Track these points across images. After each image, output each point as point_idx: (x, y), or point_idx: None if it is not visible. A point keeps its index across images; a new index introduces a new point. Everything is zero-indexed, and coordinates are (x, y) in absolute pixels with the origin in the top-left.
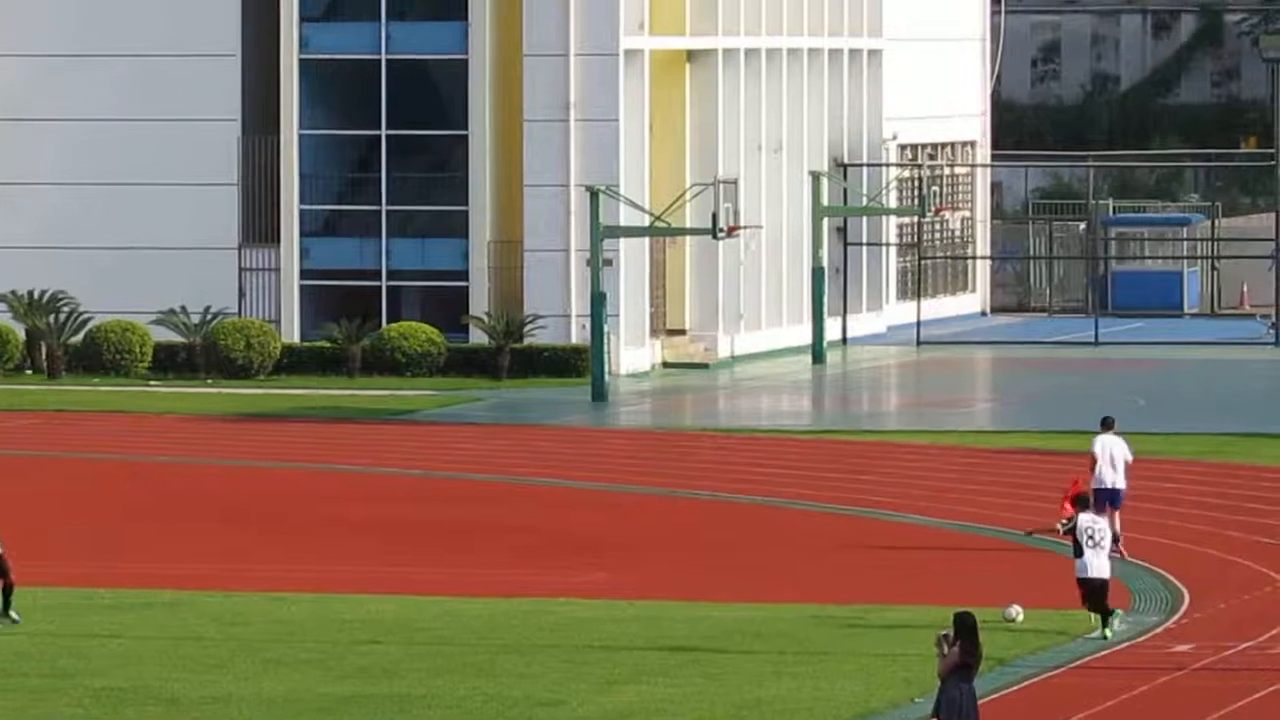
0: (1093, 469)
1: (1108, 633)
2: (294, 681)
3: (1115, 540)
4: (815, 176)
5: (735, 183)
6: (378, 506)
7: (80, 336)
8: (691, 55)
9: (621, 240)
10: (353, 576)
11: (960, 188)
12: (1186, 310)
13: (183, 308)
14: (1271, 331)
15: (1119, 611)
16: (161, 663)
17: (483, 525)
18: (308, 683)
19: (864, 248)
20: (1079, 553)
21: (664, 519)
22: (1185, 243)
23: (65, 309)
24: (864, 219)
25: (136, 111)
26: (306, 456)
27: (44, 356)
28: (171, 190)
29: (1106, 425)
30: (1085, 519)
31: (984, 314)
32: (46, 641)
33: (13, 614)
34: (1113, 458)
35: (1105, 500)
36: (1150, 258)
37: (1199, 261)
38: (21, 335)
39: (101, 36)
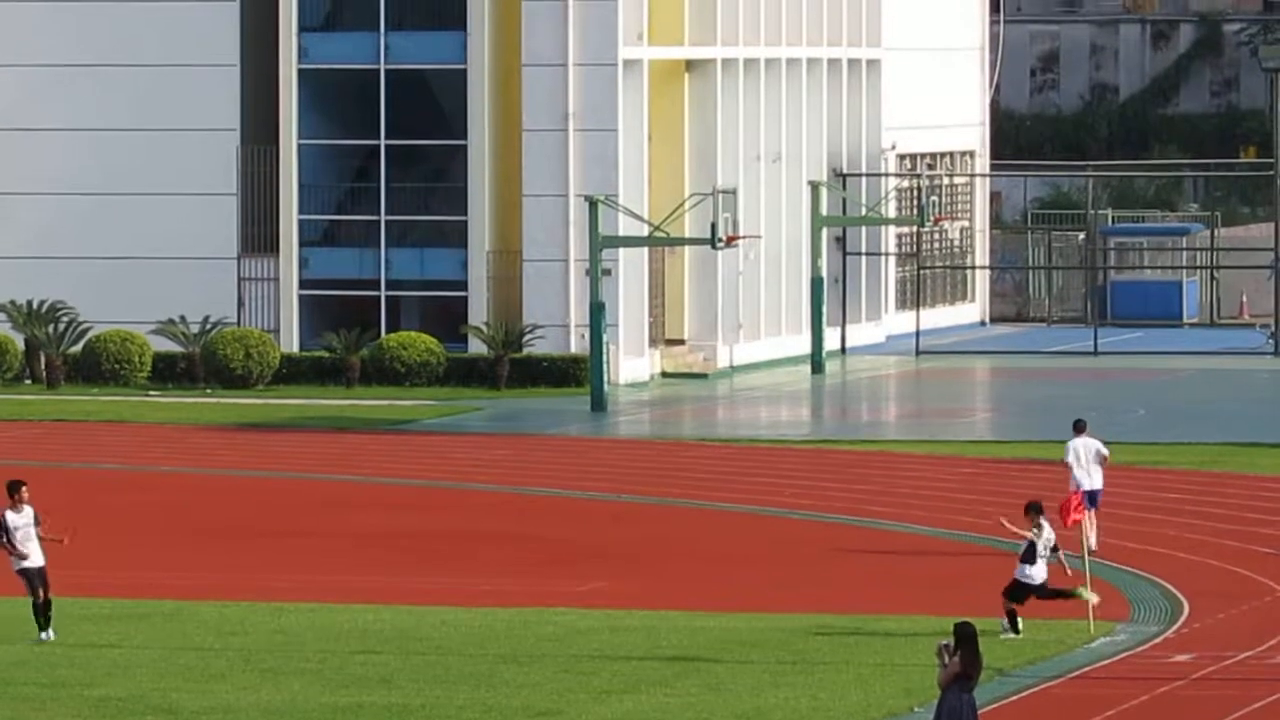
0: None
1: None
2: (293, 691)
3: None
4: (814, 186)
5: (734, 192)
6: (377, 516)
7: (79, 346)
8: (690, 65)
9: (620, 250)
10: (352, 586)
11: (959, 197)
12: (1186, 320)
13: (182, 317)
14: (1270, 341)
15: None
16: (160, 672)
17: (481, 535)
18: (306, 692)
19: (863, 257)
20: (1031, 560)
21: (663, 529)
22: (1184, 252)
23: (64, 319)
24: (863, 229)
25: (136, 121)
26: (305, 466)
27: (43, 366)
28: (171, 200)
29: (1078, 429)
30: (1049, 533)
31: (983, 324)
32: (45, 651)
33: (47, 633)
34: (1086, 460)
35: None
36: (1149, 267)
37: (1198, 271)
38: (21, 345)
39: (101, 47)
